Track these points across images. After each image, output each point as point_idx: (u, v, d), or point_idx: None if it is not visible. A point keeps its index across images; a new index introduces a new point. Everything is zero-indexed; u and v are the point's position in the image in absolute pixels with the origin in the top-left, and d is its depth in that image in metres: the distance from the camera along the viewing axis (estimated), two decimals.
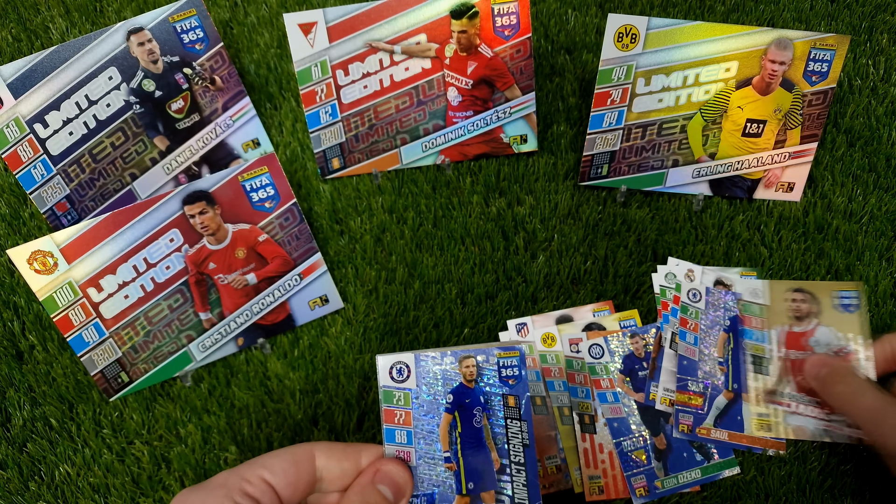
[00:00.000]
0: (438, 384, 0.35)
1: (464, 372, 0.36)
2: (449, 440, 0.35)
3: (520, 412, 0.36)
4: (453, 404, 0.35)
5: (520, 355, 0.36)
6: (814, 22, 0.74)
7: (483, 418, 0.35)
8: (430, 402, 0.35)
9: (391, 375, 0.35)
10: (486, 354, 0.36)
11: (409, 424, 0.35)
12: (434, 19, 0.62)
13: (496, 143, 0.66)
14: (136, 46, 0.60)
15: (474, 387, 0.35)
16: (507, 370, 0.36)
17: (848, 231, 0.62)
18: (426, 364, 0.35)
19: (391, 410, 0.35)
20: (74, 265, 0.53)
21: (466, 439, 0.35)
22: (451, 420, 0.35)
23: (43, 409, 0.56)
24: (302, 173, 0.67)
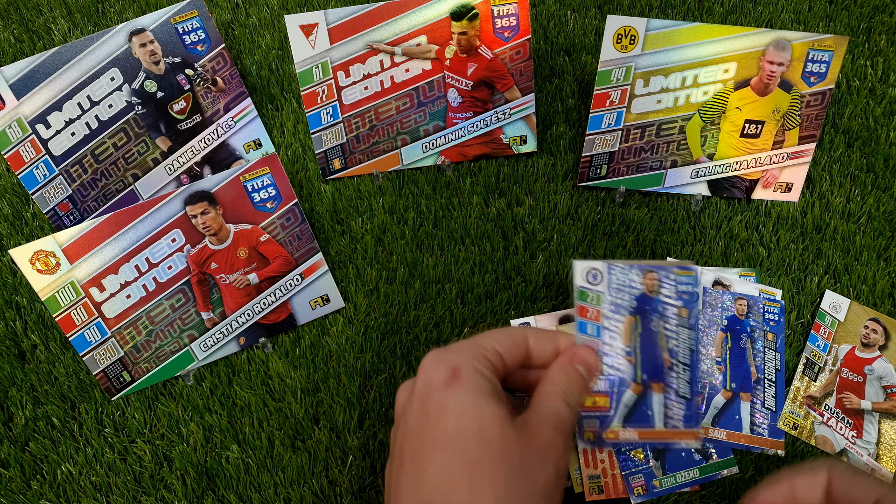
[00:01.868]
0: (625, 291, 0.41)
1: (647, 283, 0.41)
2: (630, 337, 0.40)
3: (689, 322, 0.41)
4: (637, 308, 0.40)
5: (694, 275, 0.41)
6: (812, 23, 0.74)
7: (659, 324, 0.41)
8: (618, 304, 0.40)
9: (587, 279, 0.40)
10: (667, 272, 0.41)
11: (598, 320, 0.40)
12: (434, 21, 0.62)
13: (496, 144, 0.67)
14: (138, 47, 0.61)
15: (654, 297, 0.41)
16: (683, 286, 0.41)
17: (846, 231, 0.62)
18: (616, 273, 0.40)
19: (584, 307, 0.40)
20: (77, 265, 0.53)
21: (644, 339, 0.40)
22: (633, 322, 0.40)
23: (45, 408, 0.56)
24: (303, 174, 0.67)
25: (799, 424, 0.54)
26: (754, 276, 0.59)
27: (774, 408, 0.54)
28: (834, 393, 0.55)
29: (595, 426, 0.40)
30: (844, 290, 0.59)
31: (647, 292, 0.41)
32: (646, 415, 0.41)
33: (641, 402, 0.40)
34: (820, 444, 0.53)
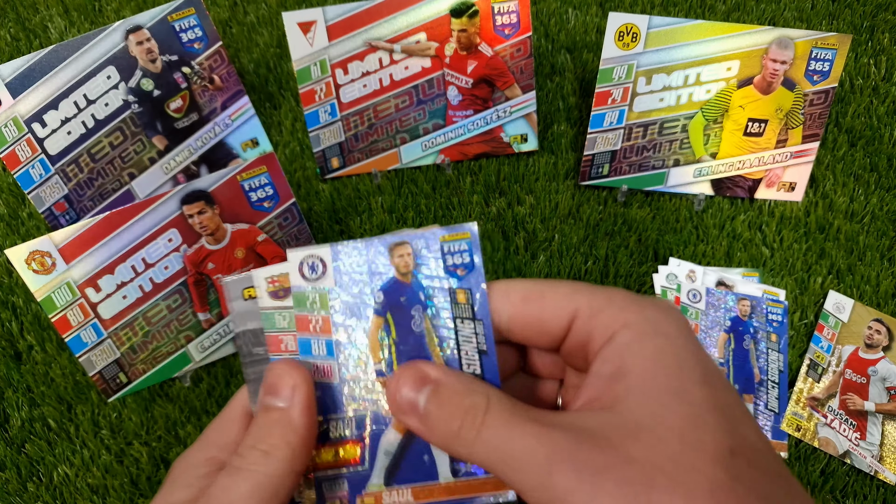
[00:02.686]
0: (363, 280, 0.28)
1: (396, 263, 0.28)
2: (379, 349, 0.28)
3: (473, 310, 0.28)
4: (384, 304, 0.28)
5: (471, 237, 0.28)
6: (815, 21, 0.74)
7: (424, 320, 0.28)
8: (354, 303, 0.28)
9: (302, 273, 0.28)
10: (426, 239, 0.28)
11: (327, 332, 0.28)
12: (434, 18, 0.61)
13: (496, 143, 0.66)
14: (134, 45, 0.60)
15: (411, 281, 0.28)
16: (455, 257, 0.28)
17: (849, 231, 0.61)
18: (347, 257, 0.28)
19: (304, 317, 0.28)
20: (73, 265, 0.53)
21: (402, 349, 0.28)
22: (382, 324, 0.28)
23: (41, 409, 0.56)
24: (301, 173, 0.66)
25: (802, 426, 0.53)
26: (757, 277, 0.59)
27: (777, 409, 0.54)
28: (837, 394, 0.54)
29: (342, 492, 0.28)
30: (848, 291, 0.59)
31: (398, 276, 0.28)
32: (422, 462, 0.28)
33: (411, 443, 0.28)
34: (823, 445, 0.52)
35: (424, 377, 0.27)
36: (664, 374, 0.24)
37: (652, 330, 0.25)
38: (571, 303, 0.27)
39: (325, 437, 0.28)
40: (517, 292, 0.28)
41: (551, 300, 0.27)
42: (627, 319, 0.25)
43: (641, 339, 0.25)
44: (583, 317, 0.27)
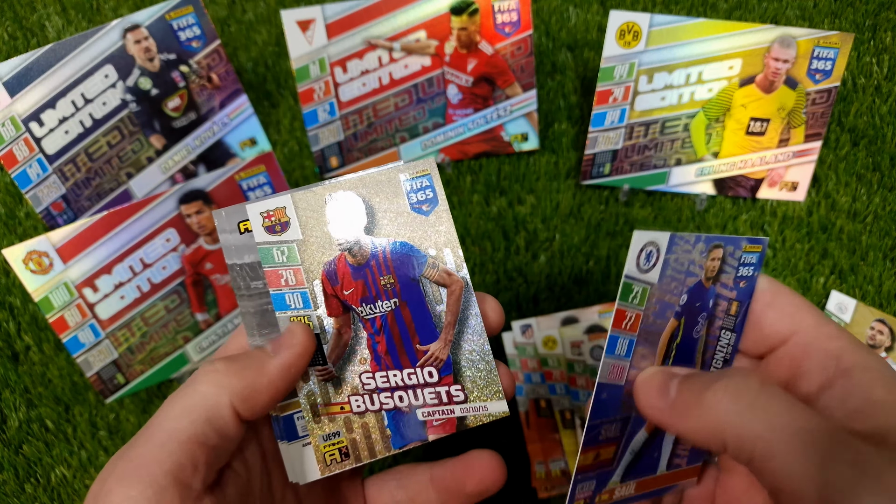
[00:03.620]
0: (680, 279, 0.27)
1: (708, 266, 0.28)
2: (665, 353, 0.28)
3: (735, 322, 0.28)
4: (684, 308, 0.28)
5: (762, 249, 0.29)
6: (817, 20, 0.73)
7: (704, 328, 0.28)
8: (664, 302, 0.27)
9: (638, 262, 0.26)
10: (734, 246, 0.28)
11: (635, 330, 0.27)
12: (434, 16, 0.61)
13: (497, 142, 0.66)
14: (132, 44, 0.60)
15: (709, 287, 0.28)
16: (745, 269, 0.28)
17: (852, 231, 0.61)
18: (681, 250, 0.27)
19: (623, 311, 0.26)
20: (70, 265, 0.53)
21: (680, 352, 0.28)
22: (675, 328, 0.28)
23: (39, 410, 0.56)
24: (300, 172, 0.66)
25: None
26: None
27: None
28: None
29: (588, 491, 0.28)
30: (850, 291, 0.58)
31: (703, 280, 0.28)
32: (652, 459, 0.29)
33: (653, 443, 0.29)
34: None
35: (673, 374, 0.26)
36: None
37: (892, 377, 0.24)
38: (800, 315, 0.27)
39: (595, 440, 0.28)
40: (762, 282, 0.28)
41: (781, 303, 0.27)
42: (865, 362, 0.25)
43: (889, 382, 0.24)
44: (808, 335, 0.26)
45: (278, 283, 0.29)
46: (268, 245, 0.28)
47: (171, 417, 0.25)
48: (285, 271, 0.29)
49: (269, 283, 0.29)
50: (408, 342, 0.30)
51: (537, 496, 0.52)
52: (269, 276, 0.29)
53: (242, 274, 0.29)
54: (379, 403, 0.30)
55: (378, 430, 0.30)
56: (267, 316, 0.29)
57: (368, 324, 0.30)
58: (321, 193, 0.29)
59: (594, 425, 0.28)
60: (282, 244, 0.29)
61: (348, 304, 0.30)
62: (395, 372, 0.30)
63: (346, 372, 0.30)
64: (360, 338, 0.30)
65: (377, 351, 0.30)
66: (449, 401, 0.30)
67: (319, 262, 0.29)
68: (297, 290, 0.29)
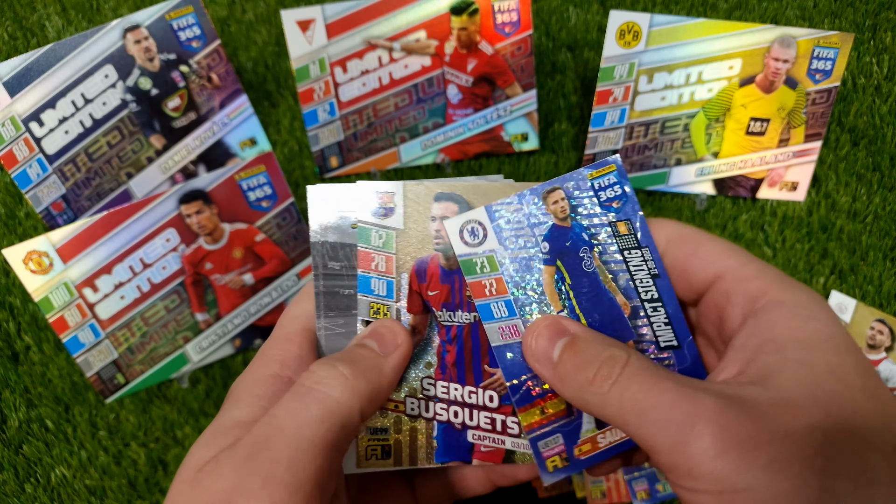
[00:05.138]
0: (525, 234, 0.29)
1: (553, 210, 0.29)
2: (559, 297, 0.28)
3: (636, 239, 0.28)
4: (551, 253, 0.29)
5: (616, 168, 0.29)
6: (817, 20, 0.73)
7: (594, 259, 0.29)
8: (521, 258, 0.28)
9: (464, 240, 0.28)
10: (575, 181, 0.29)
11: (503, 293, 0.28)
12: (434, 16, 0.61)
13: (497, 142, 0.66)
14: (132, 44, 0.60)
15: (571, 224, 0.29)
16: (607, 191, 0.29)
17: (852, 231, 0.61)
18: (503, 214, 0.28)
19: (478, 282, 0.28)
20: (70, 265, 0.53)
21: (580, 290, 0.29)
22: (554, 272, 0.29)
23: (39, 410, 0.56)
24: (300, 172, 0.66)
25: None
26: None
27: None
28: None
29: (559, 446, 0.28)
30: (850, 291, 0.58)
31: (557, 222, 0.29)
32: None
33: None
34: None
35: (562, 330, 0.27)
36: (822, 357, 0.23)
37: (807, 313, 0.24)
38: (722, 260, 0.26)
39: (528, 398, 0.28)
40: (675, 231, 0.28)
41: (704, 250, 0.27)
42: (780, 297, 0.24)
43: (796, 319, 0.24)
44: (728, 279, 0.26)
45: (368, 266, 0.29)
46: (369, 226, 0.29)
47: (306, 423, 0.24)
48: (378, 256, 0.29)
49: (359, 264, 0.29)
50: (477, 360, 0.30)
51: (537, 496, 0.52)
52: (362, 256, 0.29)
53: (322, 252, 0.29)
54: (433, 412, 0.29)
55: (425, 438, 0.29)
56: (337, 299, 0.29)
57: (444, 330, 0.30)
58: (433, 189, 0.29)
59: (516, 386, 0.28)
60: (382, 228, 0.29)
61: (429, 306, 0.30)
62: (457, 386, 0.29)
63: (409, 372, 0.29)
64: (431, 342, 0.30)
65: (445, 360, 0.30)
66: (503, 430, 0.30)
67: (413, 257, 0.29)
68: (385, 277, 0.29)
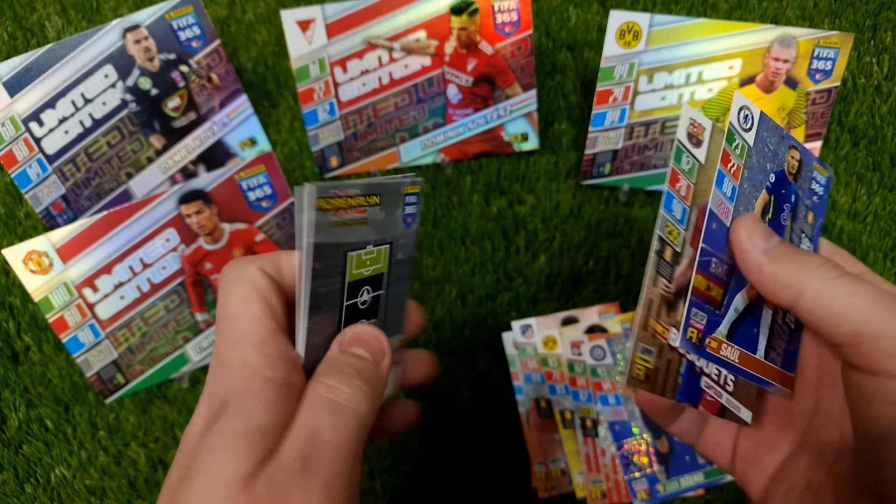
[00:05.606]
0: (769, 156, 0.31)
1: (788, 161, 0.32)
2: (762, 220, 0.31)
3: (812, 233, 0.32)
4: (774, 185, 0.31)
5: (828, 177, 0.32)
6: (817, 20, 0.73)
7: (789, 219, 0.31)
8: (758, 168, 0.31)
9: (739, 119, 0.30)
10: (807, 157, 0.32)
11: (736, 179, 0.30)
12: (434, 16, 0.61)
13: (497, 142, 0.66)
14: (132, 44, 0.60)
15: (792, 181, 0.32)
16: (816, 185, 0.32)
17: (852, 231, 0.61)
18: (768, 131, 0.31)
19: (728, 154, 0.30)
20: (70, 265, 0.53)
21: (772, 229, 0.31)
22: (766, 202, 0.31)
23: (39, 410, 0.56)
24: (300, 172, 0.66)
25: None
26: None
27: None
28: None
29: (701, 324, 0.29)
30: None
31: (787, 172, 0.32)
32: (752, 334, 0.31)
33: (751, 314, 0.31)
34: None
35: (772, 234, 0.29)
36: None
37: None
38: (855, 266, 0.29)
39: (706, 267, 0.30)
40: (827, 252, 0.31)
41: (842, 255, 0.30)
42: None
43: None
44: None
45: (674, 185, 0.31)
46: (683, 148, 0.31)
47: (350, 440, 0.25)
48: (683, 180, 0.31)
49: (669, 181, 0.31)
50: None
51: (537, 496, 0.52)
52: (672, 174, 0.30)
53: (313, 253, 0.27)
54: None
55: (675, 373, 0.30)
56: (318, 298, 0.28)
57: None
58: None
59: (706, 251, 0.30)
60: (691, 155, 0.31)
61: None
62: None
63: (678, 302, 0.30)
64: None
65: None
66: (723, 385, 0.31)
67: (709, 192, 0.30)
68: (683, 203, 0.31)
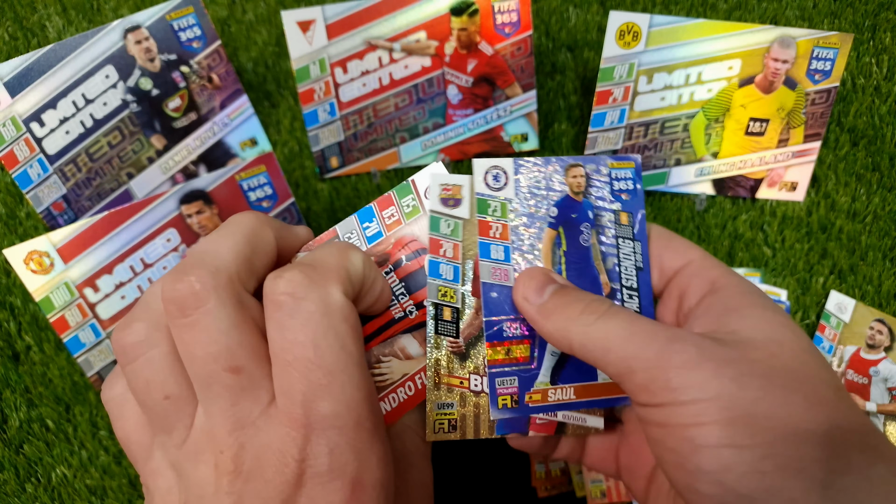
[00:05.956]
0: (540, 195, 0.31)
1: (570, 182, 0.32)
2: (552, 259, 0.31)
3: (633, 231, 0.32)
4: (558, 218, 0.31)
5: (635, 167, 0.32)
6: (817, 20, 0.74)
7: (592, 236, 0.32)
8: (530, 214, 0.31)
9: (486, 182, 0.31)
10: (597, 164, 0.32)
11: (506, 239, 0.31)
12: (434, 17, 0.61)
13: (497, 142, 0.66)
14: (132, 45, 0.60)
15: (582, 200, 0.32)
16: (621, 183, 0.32)
17: (852, 231, 0.61)
18: (527, 171, 0.31)
19: (485, 222, 0.31)
20: (71, 265, 0.53)
21: (572, 259, 0.31)
22: (554, 237, 0.31)
23: (39, 410, 0.56)
24: (300, 172, 0.66)
25: None
26: (759, 277, 0.58)
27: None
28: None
29: (513, 387, 0.30)
30: (850, 291, 0.59)
31: (570, 194, 0.32)
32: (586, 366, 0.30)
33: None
34: None
35: (554, 280, 0.30)
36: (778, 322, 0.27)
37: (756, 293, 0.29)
38: (689, 253, 0.31)
39: (499, 336, 0.31)
40: (656, 230, 0.33)
41: (676, 244, 0.32)
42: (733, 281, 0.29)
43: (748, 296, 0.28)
44: (693, 266, 0.31)
45: (437, 252, 0.31)
46: (439, 215, 0.31)
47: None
48: (446, 243, 0.31)
49: (430, 249, 0.31)
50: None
51: (537, 496, 0.52)
52: (432, 243, 0.31)
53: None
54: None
55: (488, 413, 0.31)
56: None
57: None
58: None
59: (492, 322, 0.31)
60: (450, 218, 0.31)
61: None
62: None
63: (473, 350, 0.31)
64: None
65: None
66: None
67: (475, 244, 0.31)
68: (452, 263, 0.31)
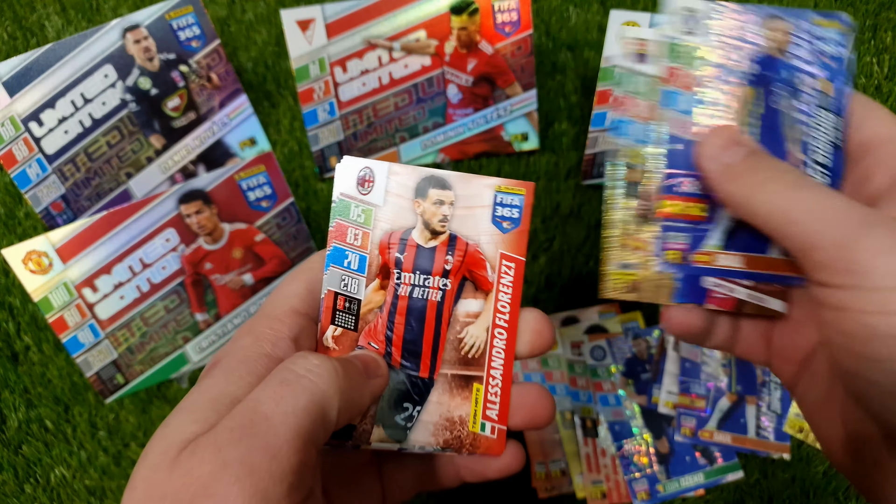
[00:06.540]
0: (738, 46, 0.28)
1: (771, 38, 0.28)
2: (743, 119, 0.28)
3: (832, 103, 0.28)
4: (757, 77, 0.28)
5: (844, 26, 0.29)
6: None
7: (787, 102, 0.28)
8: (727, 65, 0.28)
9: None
10: (799, 19, 0.28)
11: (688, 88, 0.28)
12: (434, 16, 0.61)
13: (497, 142, 0.66)
14: (132, 44, 0.60)
15: (781, 59, 0.28)
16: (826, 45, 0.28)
17: None
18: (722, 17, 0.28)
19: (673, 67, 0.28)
20: (70, 265, 0.53)
21: (761, 122, 0.28)
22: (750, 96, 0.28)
23: (38, 410, 0.56)
24: (300, 172, 0.66)
25: (805, 428, 0.53)
26: None
27: (780, 411, 0.53)
28: None
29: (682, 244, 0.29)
30: None
31: (769, 51, 0.28)
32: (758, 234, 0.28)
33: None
34: None
35: (743, 141, 0.27)
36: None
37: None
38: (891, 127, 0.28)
39: (677, 190, 0.29)
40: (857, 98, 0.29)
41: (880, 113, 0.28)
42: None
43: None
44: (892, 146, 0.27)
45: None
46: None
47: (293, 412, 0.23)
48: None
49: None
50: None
51: (537, 496, 0.52)
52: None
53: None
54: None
55: (668, 277, 0.29)
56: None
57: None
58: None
59: (672, 174, 0.29)
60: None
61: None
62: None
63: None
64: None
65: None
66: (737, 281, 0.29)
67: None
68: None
